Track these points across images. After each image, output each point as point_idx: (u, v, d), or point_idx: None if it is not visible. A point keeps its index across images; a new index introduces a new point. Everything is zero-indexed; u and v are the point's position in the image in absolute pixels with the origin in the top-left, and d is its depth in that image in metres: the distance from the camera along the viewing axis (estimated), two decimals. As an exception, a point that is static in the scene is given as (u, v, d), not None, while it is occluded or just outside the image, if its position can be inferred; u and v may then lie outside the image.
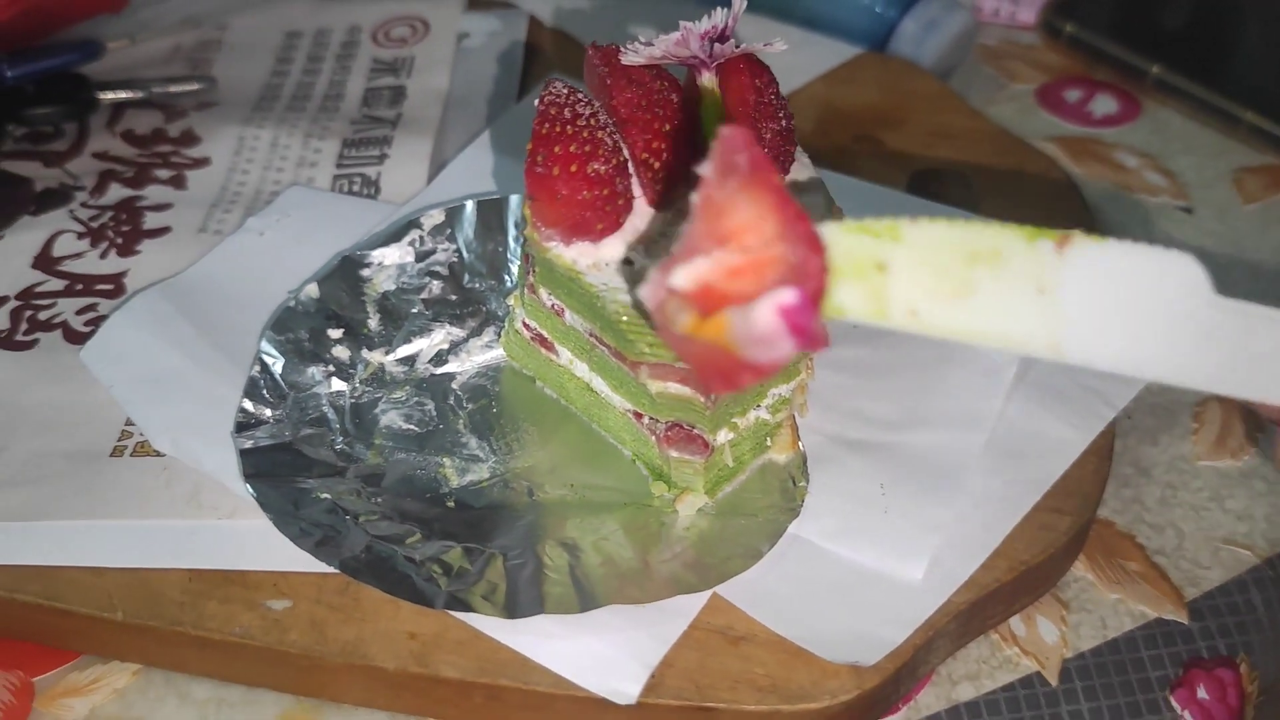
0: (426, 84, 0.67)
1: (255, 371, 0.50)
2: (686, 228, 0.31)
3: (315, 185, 0.61)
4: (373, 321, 0.53)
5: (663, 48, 0.43)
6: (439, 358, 0.52)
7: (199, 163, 0.63)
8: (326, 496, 0.46)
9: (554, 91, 0.42)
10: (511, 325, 0.52)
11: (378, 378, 0.51)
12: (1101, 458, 0.49)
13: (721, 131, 0.30)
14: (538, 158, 0.41)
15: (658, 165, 0.43)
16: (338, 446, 0.49)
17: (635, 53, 0.43)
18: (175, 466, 0.49)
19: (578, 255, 0.43)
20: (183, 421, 0.50)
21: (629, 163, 0.43)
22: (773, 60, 0.45)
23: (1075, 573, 0.49)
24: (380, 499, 0.47)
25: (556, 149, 0.41)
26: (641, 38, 0.44)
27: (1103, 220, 0.63)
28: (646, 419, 0.47)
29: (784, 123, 0.43)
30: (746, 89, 0.43)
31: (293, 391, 0.50)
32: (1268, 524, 0.51)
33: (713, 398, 0.44)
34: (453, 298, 0.54)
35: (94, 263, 0.58)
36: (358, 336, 0.52)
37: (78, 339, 0.54)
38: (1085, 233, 0.31)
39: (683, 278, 0.30)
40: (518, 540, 0.45)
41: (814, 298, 0.30)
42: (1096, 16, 0.75)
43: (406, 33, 0.70)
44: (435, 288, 0.54)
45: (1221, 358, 0.32)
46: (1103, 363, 0.32)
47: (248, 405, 0.49)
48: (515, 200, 0.55)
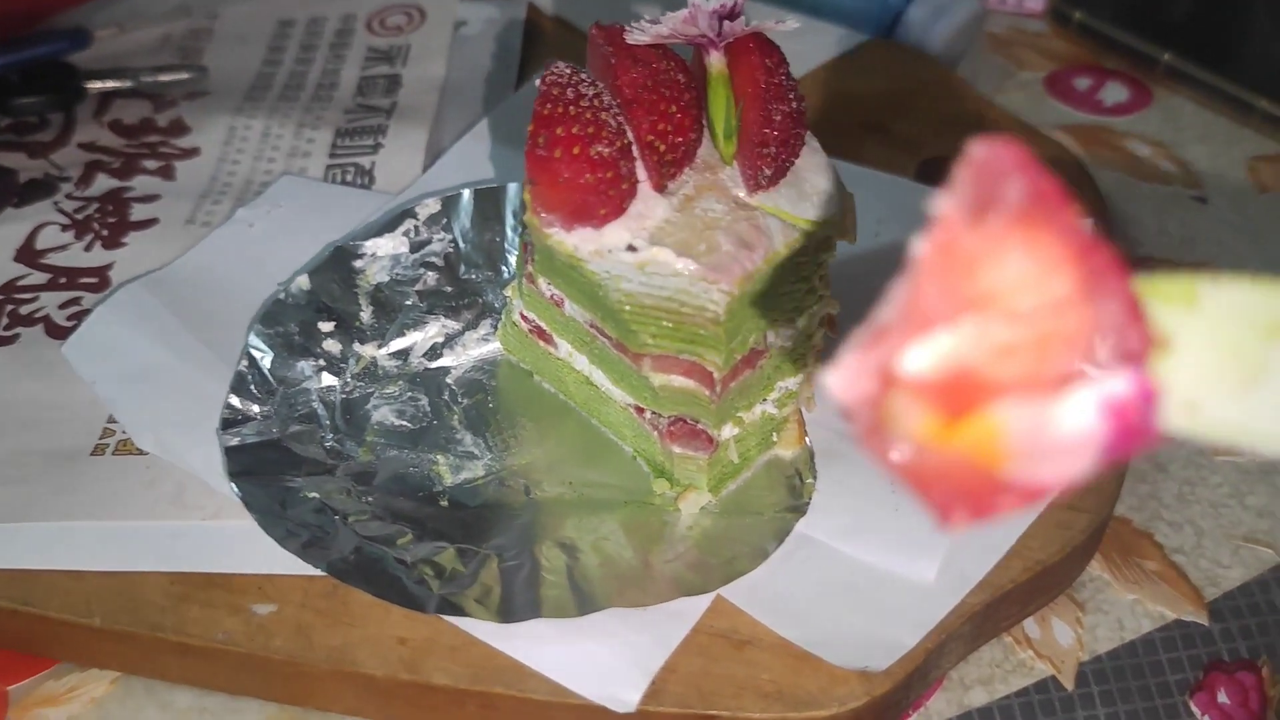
0: (422, 72, 0.65)
1: (243, 366, 0.48)
2: (901, 286, 0.21)
3: (308, 175, 0.60)
4: (365, 314, 0.51)
5: (670, 26, 0.41)
6: (433, 351, 0.51)
7: (188, 153, 0.61)
8: (315, 496, 0.45)
9: (556, 72, 0.41)
10: (509, 318, 0.50)
11: (370, 372, 0.50)
12: (1119, 453, 0.48)
13: (973, 148, 0.21)
14: (539, 139, 0.39)
15: (664, 148, 0.41)
16: (327, 444, 0.47)
17: (641, 31, 0.41)
18: (158, 465, 0.47)
19: (579, 242, 0.41)
20: (167, 419, 0.48)
21: (633, 145, 0.41)
22: (781, 46, 0.43)
23: (1091, 572, 0.47)
24: (371, 498, 0.45)
25: (558, 130, 0.39)
26: (647, 16, 0.42)
27: (1114, 210, 0.62)
28: (649, 413, 0.45)
29: (795, 105, 0.42)
30: (757, 69, 0.41)
31: (281, 387, 0.48)
32: (1291, 522, 0.49)
33: (717, 390, 0.42)
34: (448, 289, 0.52)
35: (78, 255, 0.56)
36: (350, 330, 0.50)
37: (60, 334, 0.52)
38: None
39: (922, 360, 0.20)
40: (514, 541, 0.44)
41: (1151, 384, 0.21)
42: (1106, 3, 0.74)
43: (402, 20, 0.69)
44: (430, 279, 0.52)
45: None
46: None
47: (234, 401, 0.47)
48: (513, 189, 0.54)
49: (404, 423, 0.48)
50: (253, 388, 0.48)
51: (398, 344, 0.51)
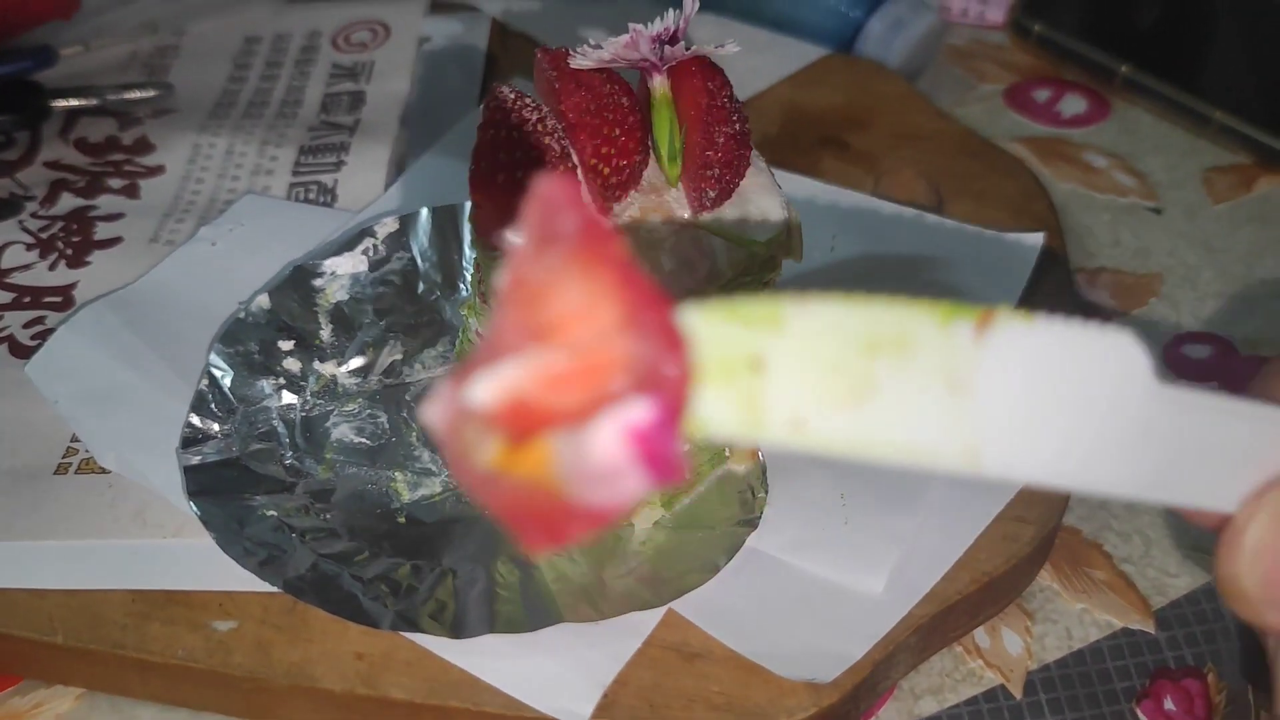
0: (386, 89, 0.66)
1: (203, 385, 0.49)
2: (491, 319, 0.23)
3: (271, 193, 0.60)
4: (325, 332, 0.52)
5: (611, 50, 0.42)
6: (393, 369, 0.51)
7: (153, 171, 0.62)
8: (273, 514, 0.45)
9: (500, 97, 0.41)
10: (466, 335, 0.51)
11: (330, 390, 0.50)
12: (1066, 465, 0.48)
13: (538, 184, 0.22)
14: (481, 164, 0.40)
15: (607, 171, 0.42)
16: (287, 462, 0.48)
17: (584, 56, 0.42)
18: (121, 484, 0.48)
19: (525, 264, 0.42)
20: (129, 437, 0.49)
21: (578, 169, 0.42)
22: (737, 63, 0.43)
23: (1041, 582, 0.48)
24: (329, 515, 0.46)
25: (501, 155, 0.40)
26: (592, 40, 0.43)
27: (1070, 222, 0.62)
28: (600, 431, 0.45)
29: (738, 126, 0.42)
30: (699, 92, 0.42)
31: (242, 405, 0.49)
32: (1236, 531, 0.50)
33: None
34: (407, 308, 0.53)
35: (42, 274, 0.56)
36: (309, 348, 0.51)
37: (24, 353, 0.53)
38: (1011, 309, 0.25)
39: (485, 390, 0.21)
40: (469, 557, 0.44)
41: (674, 413, 0.22)
42: (1066, 16, 0.75)
43: (367, 37, 0.69)
44: (389, 297, 0.53)
45: (1156, 459, 0.27)
46: (1027, 473, 0.26)
47: (195, 420, 0.48)
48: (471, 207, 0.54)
49: (363, 440, 0.49)
50: (213, 406, 0.49)
51: (357, 362, 0.51)
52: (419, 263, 0.54)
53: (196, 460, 0.47)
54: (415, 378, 0.51)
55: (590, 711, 0.41)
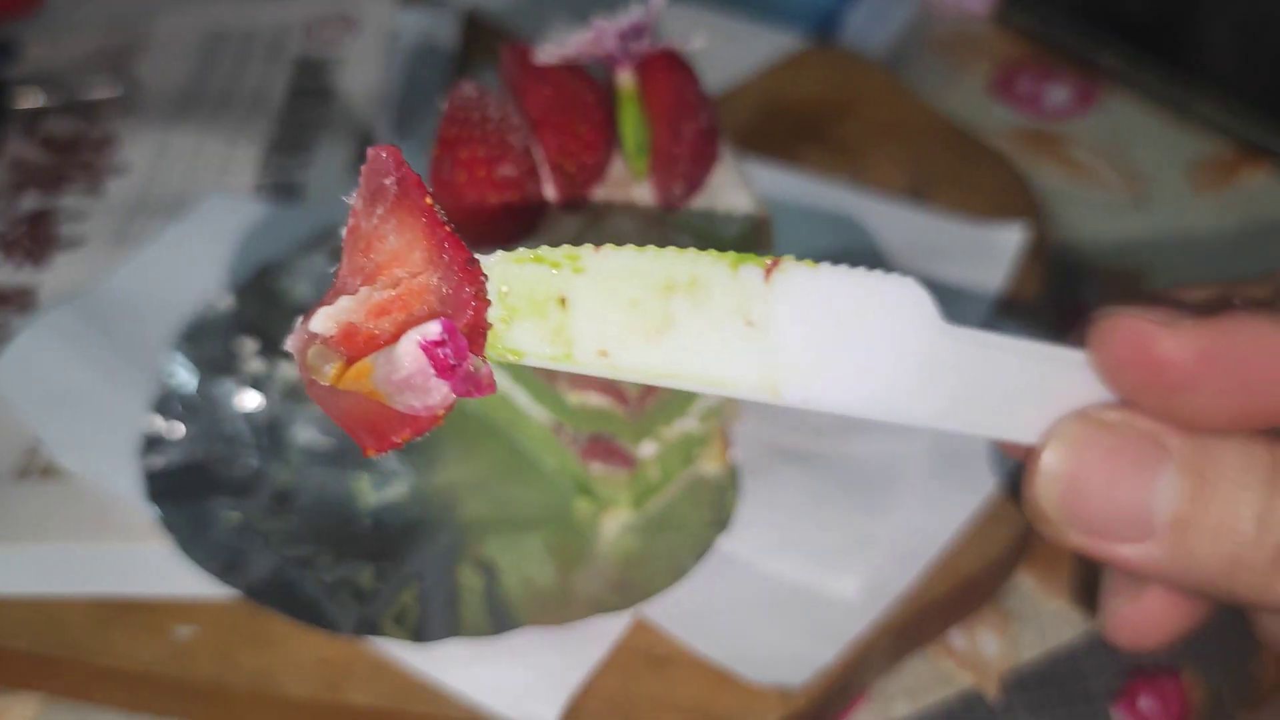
0: (356, 84, 0.65)
1: (166, 387, 0.48)
2: (336, 266, 0.28)
3: (238, 191, 0.59)
4: (289, 333, 0.51)
5: (576, 46, 0.41)
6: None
7: (119, 169, 0.61)
8: (236, 517, 0.45)
9: (462, 94, 0.41)
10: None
11: (294, 391, 0.50)
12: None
13: (368, 153, 0.27)
14: (443, 162, 0.39)
15: (572, 168, 0.41)
16: (251, 464, 0.47)
17: (548, 52, 0.41)
18: (84, 488, 0.47)
19: (488, 262, 0.41)
20: (92, 441, 0.48)
21: (541, 166, 0.41)
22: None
23: (1017, 582, 0.47)
24: (293, 518, 0.45)
25: (462, 153, 0.39)
26: (557, 35, 0.42)
27: (1052, 212, 0.62)
28: (567, 432, 0.45)
29: (705, 121, 0.42)
30: (664, 87, 0.41)
31: (206, 407, 0.48)
32: (1215, 528, 0.49)
33: (633, 408, 0.42)
34: (373, 307, 0.52)
35: (6, 275, 0.56)
36: (274, 348, 0.50)
37: (-14, 356, 0.52)
38: (796, 259, 0.28)
39: (324, 321, 0.27)
40: (434, 560, 0.44)
41: (466, 330, 0.27)
42: (1049, 5, 0.74)
43: (337, 33, 0.68)
44: (355, 297, 0.52)
45: (953, 393, 0.30)
46: (825, 403, 0.29)
47: (157, 422, 0.47)
48: (438, 204, 0.54)
49: (328, 442, 0.48)
50: (176, 408, 0.48)
51: (323, 362, 0.50)
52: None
53: (159, 463, 0.46)
54: (383, 378, 0.50)
55: (556, 717, 0.40)
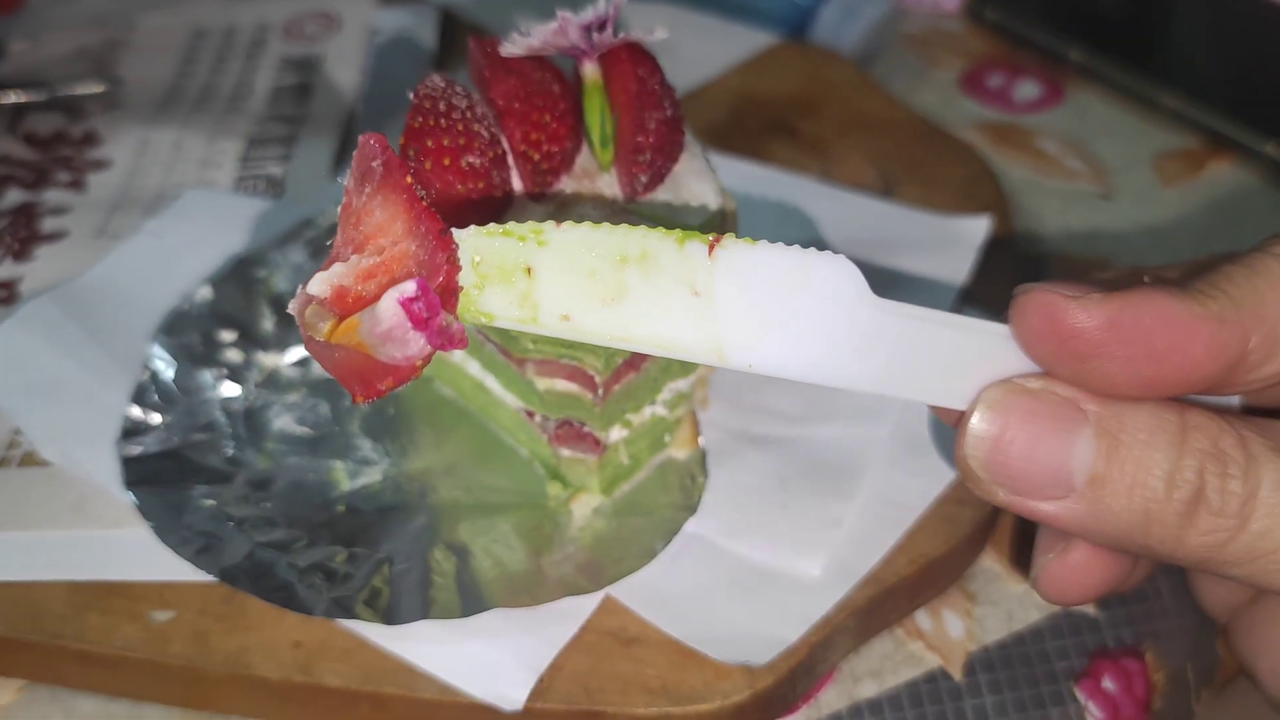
0: (336, 81, 0.66)
1: (144, 377, 0.49)
2: (333, 238, 0.32)
3: (218, 186, 0.60)
4: (267, 323, 0.52)
5: (540, 38, 0.42)
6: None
7: (100, 165, 0.62)
8: (212, 503, 0.45)
9: (429, 85, 0.41)
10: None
11: (272, 380, 0.50)
12: (1006, 447, 0.48)
13: (359, 140, 0.31)
14: (409, 152, 0.40)
15: (538, 157, 0.42)
16: (228, 452, 0.48)
17: (514, 43, 0.42)
18: (62, 476, 0.48)
19: (456, 251, 0.42)
20: (71, 430, 0.48)
21: (508, 155, 0.42)
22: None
23: (982, 565, 0.48)
24: (268, 504, 0.46)
25: (429, 142, 0.40)
26: (523, 28, 0.43)
27: (1020, 207, 0.63)
28: (538, 417, 0.46)
29: (669, 111, 0.42)
30: (629, 78, 0.42)
31: (184, 396, 0.49)
32: (1177, 511, 0.50)
33: (600, 394, 0.43)
34: (349, 298, 0.53)
35: (-12, 269, 0.56)
36: (252, 339, 0.51)
37: (-33, 348, 0.52)
38: (736, 236, 0.31)
39: (319, 284, 0.31)
40: (406, 544, 0.44)
41: (440, 290, 0.31)
42: (1019, 2, 0.75)
43: (317, 29, 0.69)
44: (331, 288, 0.53)
45: (886, 360, 0.32)
46: (766, 367, 0.32)
47: (135, 412, 0.48)
48: (415, 197, 0.54)
49: (304, 430, 0.49)
50: (154, 397, 0.49)
51: (299, 352, 0.51)
52: (362, 253, 0.54)
53: (136, 451, 0.47)
54: (358, 367, 0.51)
55: (525, 697, 0.41)
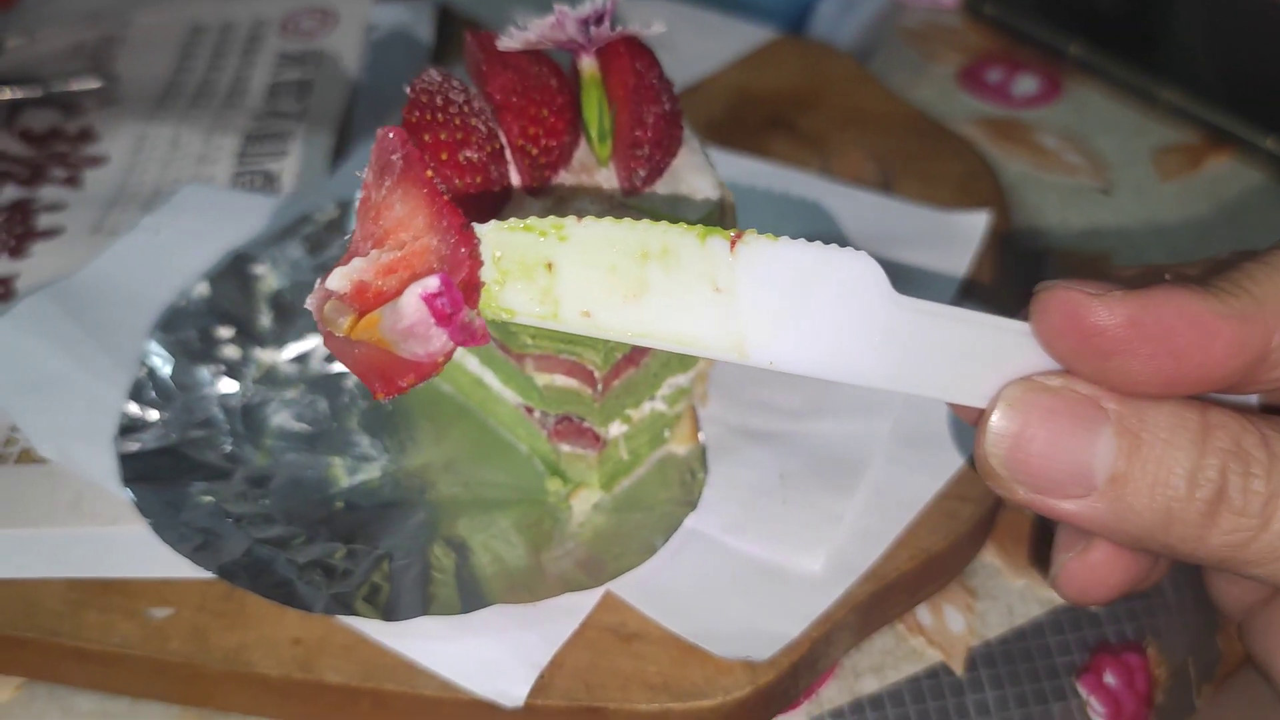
0: (333, 76, 0.66)
1: (142, 373, 0.49)
2: (351, 234, 0.31)
3: (216, 182, 0.60)
4: (265, 319, 0.51)
5: (538, 32, 0.42)
6: (333, 355, 0.51)
7: (97, 161, 0.61)
8: (210, 500, 0.45)
9: (426, 79, 0.41)
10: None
11: (270, 377, 0.50)
12: (1007, 442, 0.48)
13: (378, 133, 0.30)
14: (407, 147, 0.40)
15: (535, 151, 0.41)
16: (226, 449, 0.47)
17: (511, 38, 0.42)
18: (59, 473, 0.48)
19: (455, 246, 0.42)
20: (68, 427, 0.48)
21: (505, 149, 0.42)
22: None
23: (983, 560, 0.48)
24: (267, 501, 0.46)
25: (426, 137, 0.40)
26: (520, 22, 0.43)
27: (1019, 202, 0.63)
28: (537, 413, 0.45)
29: (667, 106, 0.42)
30: (626, 72, 0.42)
31: (181, 393, 0.49)
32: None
33: (600, 389, 0.42)
34: (347, 294, 0.52)
35: (-16, 266, 0.56)
36: (249, 335, 0.51)
37: (-36, 345, 0.52)
38: (758, 232, 0.31)
39: (339, 279, 0.30)
40: (406, 541, 0.44)
41: (462, 285, 0.30)
42: (1019, -4, 0.75)
43: (314, 25, 0.69)
44: (329, 284, 0.53)
45: (906, 357, 0.32)
46: (787, 364, 0.32)
47: (132, 408, 0.48)
48: (413, 193, 0.54)
49: (303, 426, 0.49)
50: (152, 394, 0.48)
51: (297, 348, 0.51)
52: (360, 249, 0.53)
53: (134, 447, 0.47)
54: (356, 364, 0.51)
55: (525, 693, 0.41)
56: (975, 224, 0.56)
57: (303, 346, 0.51)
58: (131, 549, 0.45)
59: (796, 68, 0.68)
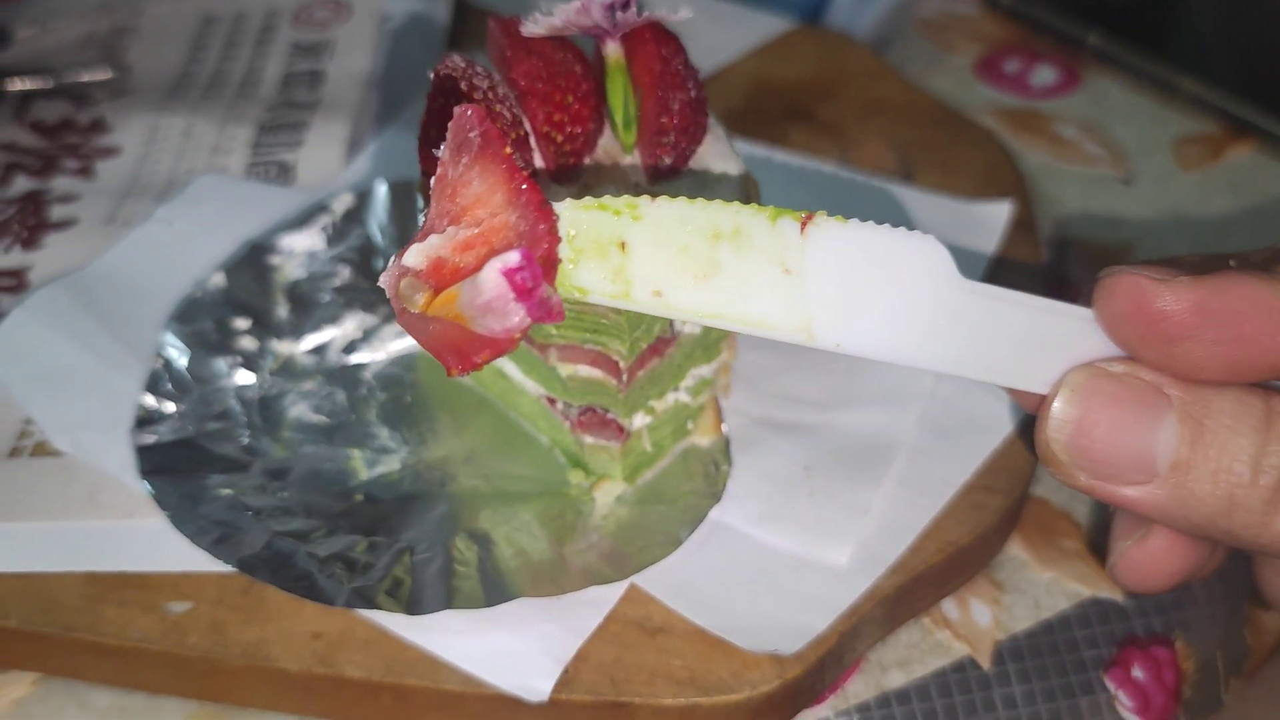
0: (347, 67, 0.65)
1: (158, 365, 0.48)
2: (426, 211, 0.31)
3: (230, 172, 0.59)
4: (282, 310, 0.51)
5: (563, 17, 0.41)
6: (351, 347, 0.50)
7: (109, 152, 0.61)
8: (228, 492, 0.44)
9: (449, 65, 0.41)
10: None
11: (287, 369, 0.50)
12: (1034, 434, 0.48)
13: (455, 111, 0.30)
14: (430, 133, 0.39)
15: (560, 138, 0.41)
16: (243, 441, 0.47)
17: (535, 23, 0.41)
18: (75, 466, 0.47)
19: (478, 234, 0.41)
20: (84, 419, 0.48)
21: (530, 136, 0.41)
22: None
23: (1010, 552, 0.48)
24: (285, 494, 0.45)
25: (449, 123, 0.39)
26: (544, 7, 0.42)
27: (1040, 193, 0.62)
28: (560, 404, 0.45)
29: (693, 93, 0.42)
30: (652, 58, 0.41)
31: (198, 385, 0.48)
32: (1205, 498, 0.49)
33: (624, 379, 0.42)
34: (364, 284, 0.52)
35: (-3, 257, 0.56)
36: (266, 326, 0.50)
37: (-24, 337, 0.52)
38: (828, 214, 0.31)
39: (415, 256, 0.30)
40: (427, 534, 0.44)
41: (541, 259, 0.30)
42: (1036, -14, 0.74)
43: (327, 15, 0.68)
44: (346, 274, 0.52)
45: (970, 342, 0.32)
46: (853, 346, 0.32)
47: (149, 400, 0.47)
48: (431, 182, 0.54)
49: (321, 418, 0.48)
50: (168, 386, 0.48)
51: (315, 340, 0.50)
52: (377, 238, 0.53)
53: (151, 440, 0.46)
54: (373, 355, 0.50)
55: (550, 688, 0.40)
56: (997, 214, 0.56)
57: (320, 338, 0.50)
58: (149, 542, 0.44)
59: (814, 58, 0.67)
